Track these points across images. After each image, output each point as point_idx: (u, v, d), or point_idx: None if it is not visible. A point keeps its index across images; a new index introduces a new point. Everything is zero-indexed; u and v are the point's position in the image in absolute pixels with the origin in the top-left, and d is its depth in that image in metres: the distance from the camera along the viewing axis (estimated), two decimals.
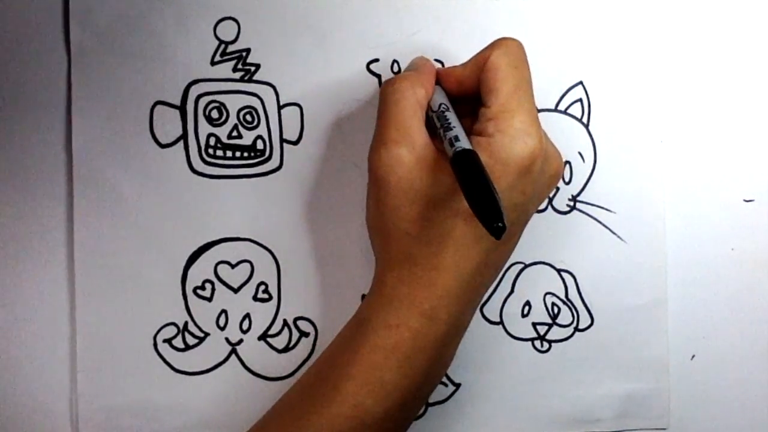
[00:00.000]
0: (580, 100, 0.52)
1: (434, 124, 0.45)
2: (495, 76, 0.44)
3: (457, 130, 0.43)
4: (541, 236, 0.52)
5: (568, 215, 0.52)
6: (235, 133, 0.50)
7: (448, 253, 0.43)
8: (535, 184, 0.44)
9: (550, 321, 0.52)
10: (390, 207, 0.44)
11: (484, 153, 0.42)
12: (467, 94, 0.47)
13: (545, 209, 0.52)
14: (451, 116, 0.45)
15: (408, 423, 0.46)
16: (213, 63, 0.50)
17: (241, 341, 0.51)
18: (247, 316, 0.50)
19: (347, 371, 0.43)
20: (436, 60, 0.51)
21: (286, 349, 0.51)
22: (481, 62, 0.45)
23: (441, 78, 0.48)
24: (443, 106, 0.45)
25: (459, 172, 0.41)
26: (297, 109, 0.50)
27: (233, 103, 0.50)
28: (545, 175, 0.45)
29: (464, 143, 0.42)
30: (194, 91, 0.50)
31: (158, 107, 0.49)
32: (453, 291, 0.44)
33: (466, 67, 0.46)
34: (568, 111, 0.52)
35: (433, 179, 0.43)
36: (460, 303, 0.44)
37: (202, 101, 0.50)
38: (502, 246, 0.45)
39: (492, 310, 0.52)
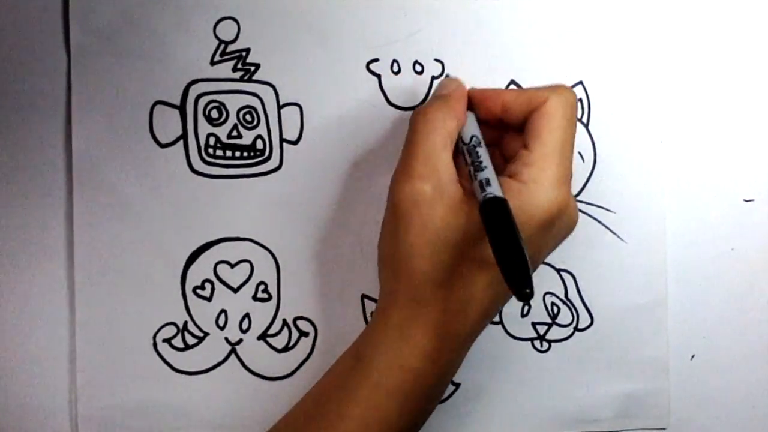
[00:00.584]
0: (580, 99, 0.52)
1: (464, 160, 0.44)
2: (548, 124, 0.43)
3: (489, 171, 0.42)
4: None
5: None
6: (234, 133, 0.50)
7: (462, 299, 0.43)
8: (553, 238, 0.44)
9: (549, 321, 0.52)
10: (407, 243, 0.42)
11: (513, 199, 0.41)
12: (506, 122, 0.45)
13: None
14: (483, 153, 0.44)
15: None
16: (213, 63, 0.50)
17: (240, 341, 0.51)
18: (247, 315, 0.51)
19: (346, 412, 0.43)
20: (436, 60, 0.51)
21: (286, 348, 0.51)
22: (535, 102, 0.44)
23: (485, 99, 0.46)
24: (475, 139, 0.44)
25: (488, 221, 0.40)
26: (297, 108, 0.50)
27: (233, 102, 0.50)
28: (563, 230, 0.45)
29: (495, 188, 0.41)
30: (194, 91, 0.50)
31: (158, 107, 0.50)
32: (459, 335, 0.43)
33: (518, 98, 0.45)
34: None
35: (456, 221, 0.42)
36: (462, 346, 0.44)
37: (202, 101, 0.50)
38: (507, 293, 0.44)
39: None
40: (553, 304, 0.52)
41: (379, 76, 0.51)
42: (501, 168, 0.44)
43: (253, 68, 0.50)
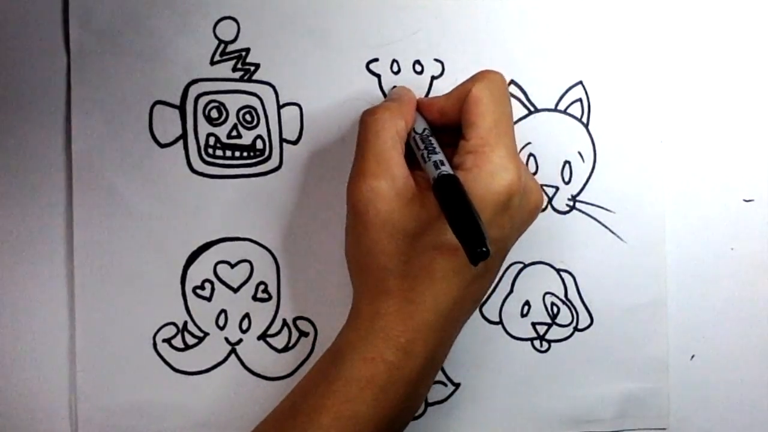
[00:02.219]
0: (580, 99, 0.52)
1: (416, 148, 0.45)
2: (476, 110, 0.44)
3: (441, 155, 0.43)
4: (540, 236, 0.52)
5: (568, 215, 0.52)
6: (234, 133, 0.50)
7: (425, 286, 0.43)
8: (513, 219, 0.44)
9: (549, 321, 0.52)
10: (368, 240, 0.44)
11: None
12: (449, 125, 0.47)
13: (544, 209, 0.52)
14: (434, 141, 0.45)
15: None
16: (212, 63, 0.50)
17: (240, 341, 0.51)
18: (247, 315, 0.50)
19: (322, 402, 0.43)
20: (436, 60, 0.51)
21: (286, 348, 0.51)
22: (463, 94, 0.45)
23: (423, 108, 0.48)
24: (426, 131, 0.46)
25: (441, 196, 0.41)
26: (296, 108, 0.50)
27: (233, 102, 0.50)
28: (524, 210, 0.45)
29: (447, 168, 0.42)
30: (194, 91, 0.50)
31: (158, 107, 0.50)
32: (430, 325, 0.44)
33: (449, 98, 0.46)
34: (568, 111, 0.52)
35: (412, 213, 0.43)
36: (437, 337, 0.44)
37: (202, 101, 0.50)
38: (480, 279, 0.45)
39: (491, 309, 0.52)
40: (553, 304, 0.52)
41: (379, 76, 0.51)
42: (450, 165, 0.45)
43: (252, 68, 0.50)
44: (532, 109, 0.52)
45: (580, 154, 0.52)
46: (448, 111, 0.46)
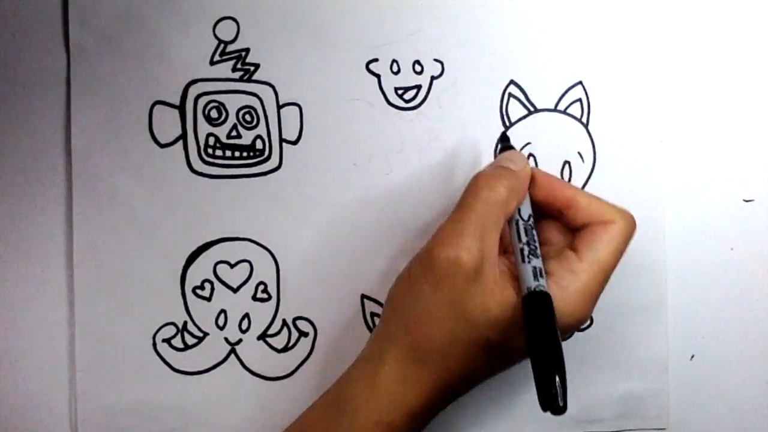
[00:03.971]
0: (580, 99, 0.52)
1: (516, 237, 0.43)
2: (608, 244, 0.43)
3: (540, 261, 0.42)
4: None
5: None
6: (234, 133, 0.50)
7: (461, 372, 0.43)
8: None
9: None
10: (427, 310, 0.42)
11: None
12: (565, 218, 0.45)
13: None
14: (536, 237, 0.44)
15: None
16: (212, 63, 0.50)
17: (240, 341, 0.51)
18: (247, 315, 0.51)
19: None
20: (436, 60, 0.51)
21: (286, 348, 0.51)
22: (604, 217, 0.44)
23: (553, 188, 0.46)
24: (531, 219, 0.44)
25: (529, 315, 0.40)
26: (296, 108, 0.50)
27: (232, 102, 0.50)
28: (572, 332, 0.46)
29: (543, 283, 0.41)
30: (193, 91, 0.50)
31: (157, 107, 0.50)
32: (446, 397, 0.44)
33: (590, 204, 0.45)
34: (568, 111, 0.52)
35: (482, 300, 0.41)
36: (447, 403, 0.44)
37: (202, 101, 0.50)
38: (507, 366, 0.45)
39: None
40: None
41: (378, 76, 0.51)
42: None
43: (252, 68, 0.50)
44: (532, 109, 0.52)
45: (580, 154, 0.52)
46: (579, 213, 0.45)
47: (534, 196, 0.46)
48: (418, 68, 0.51)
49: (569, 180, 0.52)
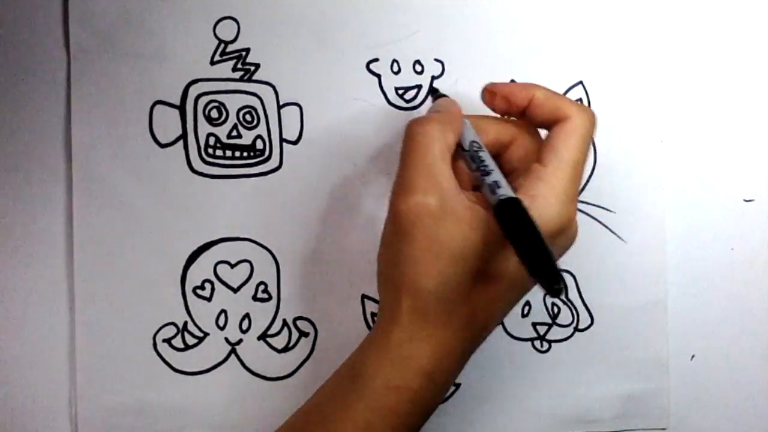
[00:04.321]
0: (580, 100, 0.52)
1: (468, 166, 0.43)
2: (567, 140, 0.43)
3: (496, 174, 0.42)
4: None
5: None
6: (234, 133, 0.50)
7: (462, 313, 0.42)
8: (555, 250, 0.43)
9: (549, 321, 0.52)
10: (410, 258, 0.41)
11: None
12: (529, 116, 0.45)
13: None
14: (486, 156, 0.43)
15: None
16: (212, 63, 0.50)
17: (240, 341, 0.51)
18: (247, 315, 0.50)
19: (341, 428, 0.41)
20: (436, 60, 0.51)
21: (286, 348, 0.51)
22: (560, 113, 0.43)
23: (514, 90, 0.45)
24: (475, 144, 0.44)
25: (504, 222, 0.39)
26: (296, 108, 0.50)
27: (233, 102, 0.50)
28: (562, 246, 0.44)
29: (506, 190, 0.41)
30: (194, 91, 0.50)
31: (158, 107, 0.50)
32: (459, 353, 0.42)
33: (548, 99, 0.44)
34: None
35: (460, 234, 0.41)
36: (461, 363, 0.43)
37: (202, 101, 0.50)
38: (511, 305, 0.44)
39: None
40: (553, 304, 0.52)
41: (379, 76, 0.51)
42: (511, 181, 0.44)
43: (252, 68, 0.50)
44: None
45: None
46: (540, 108, 0.44)
47: (496, 106, 0.45)
48: (418, 68, 0.51)
49: None
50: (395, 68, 0.51)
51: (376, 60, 0.51)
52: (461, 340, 0.42)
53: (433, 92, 0.50)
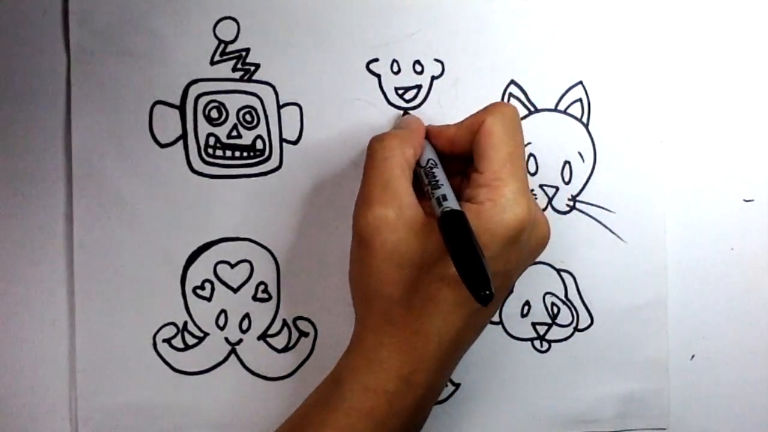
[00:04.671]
0: (580, 100, 0.52)
1: (422, 181, 0.45)
2: (489, 142, 0.44)
3: (445, 188, 0.43)
4: None
5: (568, 215, 0.52)
6: (234, 133, 0.50)
7: (431, 317, 0.43)
8: (521, 252, 0.44)
9: (549, 321, 0.52)
10: (373, 269, 0.43)
11: (473, 220, 0.42)
12: (459, 154, 0.46)
13: (545, 209, 0.52)
14: (439, 173, 0.44)
15: None
16: (212, 63, 0.50)
17: (240, 341, 0.51)
18: (247, 315, 0.50)
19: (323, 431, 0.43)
20: (436, 60, 0.51)
21: (286, 348, 0.51)
22: (475, 126, 0.45)
23: (433, 136, 0.47)
24: (431, 162, 0.45)
25: (446, 233, 0.40)
26: (296, 108, 0.50)
27: (233, 102, 0.50)
28: (531, 244, 0.45)
29: (452, 203, 0.42)
30: (194, 91, 0.50)
31: (158, 107, 0.50)
32: (433, 356, 0.43)
33: (460, 128, 0.46)
34: (568, 111, 0.52)
35: (419, 242, 0.43)
36: (439, 368, 0.44)
37: (202, 101, 0.50)
38: (484, 311, 0.45)
39: None
40: (553, 304, 0.52)
41: (379, 76, 0.51)
42: (462, 196, 0.45)
43: (252, 68, 0.50)
44: (532, 109, 0.52)
45: (580, 154, 0.52)
46: (458, 141, 0.46)
47: (439, 150, 0.47)
48: (418, 68, 0.51)
49: (569, 181, 0.52)
50: (395, 68, 0.51)
51: (376, 60, 0.51)
52: (437, 345, 0.43)
53: (405, 112, 0.51)
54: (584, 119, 0.52)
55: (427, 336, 0.43)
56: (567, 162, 0.52)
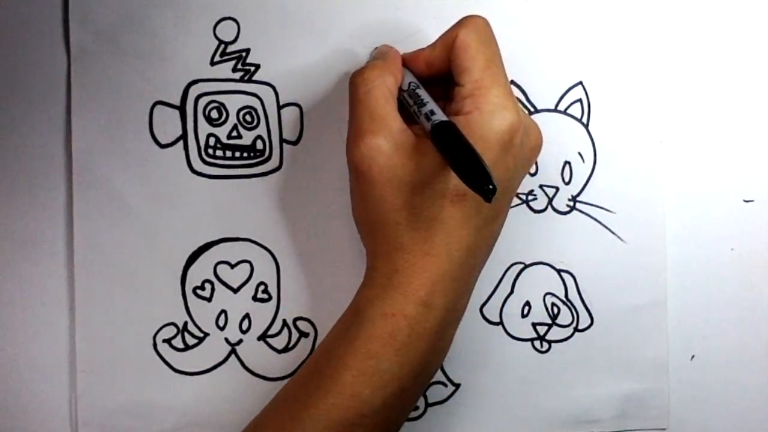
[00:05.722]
0: (580, 100, 0.52)
1: (407, 104, 0.45)
2: (466, 55, 0.44)
3: (431, 104, 0.43)
4: (541, 236, 0.52)
5: (568, 215, 0.52)
6: (234, 133, 0.50)
7: (438, 237, 0.43)
8: (517, 157, 0.44)
9: (549, 321, 0.52)
10: (375, 198, 0.44)
11: (463, 130, 0.42)
12: (437, 75, 0.47)
13: (545, 209, 0.52)
14: (422, 93, 0.45)
15: (406, 413, 0.46)
16: (213, 63, 0.50)
17: (240, 341, 0.51)
18: (247, 316, 0.51)
19: (344, 361, 0.43)
20: None
21: (286, 349, 0.51)
22: (449, 42, 0.45)
23: (409, 62, 0.47)
24: (413, 84, 0.45)
25: (440, 143, 0.41)
26: (297, 109, 0.50)
27: (233, 103, 0.50)
28: (526, 148, 0.45)
29: (440, 116, 0.42)
30: (194, 91, 0.50)
31: (158, 107, 0.50)
32: (447, 275, 0.44)
33: (434, 48, 0.46)
34: (568, 111, 0.52)
35: (415, 164, 0.43)
36: (455, 287, 0.44)
37: (202, 101, 0.50)
38: (491, 223, 0.45)
39: (492, 310, 0.52)
40: (553, 304, 0.52)
41: None
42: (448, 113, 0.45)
43: (253, 68, 0.50)
44: (532, 109, 0.52)
45: (580, 154, 0.52)
46: (434, 61, 0.46)
47: (417, 74, 0.47)
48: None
49: (569, 181, 0.52)
50: None
51: None
52: (449, 263, 0.44)
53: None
54: (584, 119, 0.52)
55: (437, 256, 0.43)
56: (567, 162, 0.52)
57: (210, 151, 0.50)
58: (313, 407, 0.43)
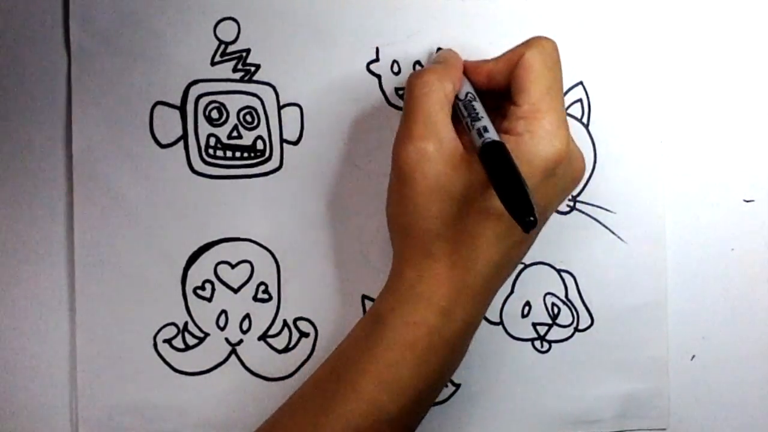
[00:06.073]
0: (580, 100, 0.52)
1: (461, 114, 0.45)
2: (528, 76, 0.44)
3: (485, 120, 0.43)
4: (541, 236, 0.52)
5: (568, 215, 0.52)
6: (235, 134, 0.50)
7: (470, 250, 0.43)
8: (558, 185, 0.44)
9: (550, 321, 0.52)
10: (414, 203, 0.43)
11: (512, 151, 0.42)
12: (496, 89, 0.46)
13: None
14: (479, 106, 0.44)
15: (421, 419, 0.46)
16: (213, 63, 0.50)
17: (241, 341, 0.51)
18: (247, 316, 0.51)
19: (363, 368, 0.43)
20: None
21: (286, 349, 0.51)
22: (514, 59, 0.45)
23: (469, 71, 0.47)
24: (470, 95, 0.45)
25: (488, 163, 0.40)
26: (297, 109, 0.50)
27: (233, 103, 0.50)
28: (568, 177, 0.45)
29: (492, 134, 0.42)
30: (194, 92, 0.50)
31: (158, 107, 0.50)
32: (471, 289, 0.44)
33: (498, 62, 0.46)
34: (568, 111, 0.52)
35: (459, 176, 0.43)
36: (477, 301, 0.44)
37: (202, 101, 0.50)
38: (521, 245, 0.45)
39: (492, 310, 0.52)
40: (553, 304, 0.52)
41: (379, 77, 0.51)
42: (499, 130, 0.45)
43: (253, 69, 0.50)
44: None
45: None
46: (496, 75, 0.46)
47: (476, 85, 0.47)
48: (418, 68, 0.51)
49: None
50: (395, 69, 0.51)
51: (376, 60, 0.51)
52: (474, 278, 0.44)
53: (439, 48, 0.51)
54: (584, 119, 0.52)
55: (466, 269, 0.43)
56: None
57: (210, 151, 0.50)
58: (332, 412, 0.43)
